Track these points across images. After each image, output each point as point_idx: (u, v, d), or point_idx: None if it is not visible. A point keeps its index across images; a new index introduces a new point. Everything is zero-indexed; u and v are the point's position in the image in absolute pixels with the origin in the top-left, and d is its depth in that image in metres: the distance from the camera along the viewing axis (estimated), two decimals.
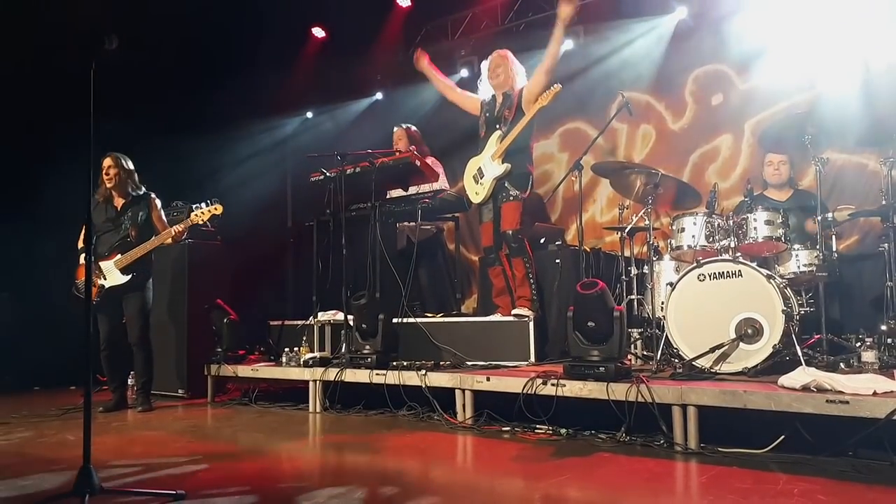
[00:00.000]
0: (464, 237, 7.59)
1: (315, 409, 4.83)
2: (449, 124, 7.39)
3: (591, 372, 3.66)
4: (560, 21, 4.87)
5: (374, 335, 4.79)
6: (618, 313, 3.71)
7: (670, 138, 6.95)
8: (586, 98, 7.25)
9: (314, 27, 8.62)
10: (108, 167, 5.11)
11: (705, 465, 3.05)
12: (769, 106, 6.28)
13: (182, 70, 7.38)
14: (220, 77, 7.60)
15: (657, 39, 6.96)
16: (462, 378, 4.16)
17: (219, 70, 7.59)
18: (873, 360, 3.87)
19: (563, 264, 5.25)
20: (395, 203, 5.71)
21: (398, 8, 8.08)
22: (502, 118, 5.07)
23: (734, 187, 6.27)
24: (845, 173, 5.84)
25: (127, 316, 5.11)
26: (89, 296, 2.68)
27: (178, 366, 5.77)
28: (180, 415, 5.03)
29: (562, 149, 7.64)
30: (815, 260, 4.36)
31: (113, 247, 5.05)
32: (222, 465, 3.29)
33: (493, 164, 5.01)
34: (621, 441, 3.47)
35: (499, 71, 5.13)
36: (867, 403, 2.88)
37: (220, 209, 5.02)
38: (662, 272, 4.89)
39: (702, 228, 4.34)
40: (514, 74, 5.13)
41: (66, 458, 3.38)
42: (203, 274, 5.87)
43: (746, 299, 3.83)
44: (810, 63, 5.94)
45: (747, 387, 3.30)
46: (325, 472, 3.33)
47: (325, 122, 9.30)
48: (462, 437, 3.82)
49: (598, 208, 7.25)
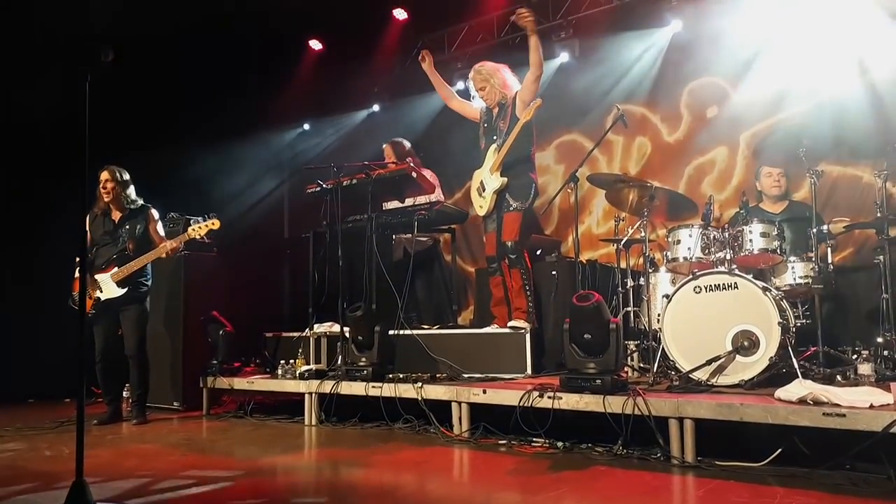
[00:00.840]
0: (460, 249, 7.59)
1: (311, 422, 4.81)
2: (445, 135, 7.42)
3: (587, 384, 3.65)
4: (527, 30, 4.92)
5: (371, 347, 4.77)
6: (614, 325, 3.71)
7: (666, 150, 6.97)
8: (582, 110, 7.26)
9: (311, 39, 8.65)
10: (105, 181, 5.11)
11: (702, 478, 3.04)
12: (764, 118, 6.31)
13: (178, 81, 7.38)
14: (217, 88, 7.61)
15: (652, 52, 6.99)
16: (458, 391, 4.15)
17: (216, 81, 7.60)
18: (870, 373, 3.87)
19: (559, 276, 5.27)
20: (391, 214, 5.71)
21: (395, 21, 8.10)
22: (497, 129, 5.10)
23: (730, 199, 6.28)
24: (840, 185, 5.86)
25: (124, 328, 5.09)
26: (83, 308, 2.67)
27: (173, 378, 5.75)
28: (175, 427, 5.00)
29: (558, 161, 7.66)
30: (810, 272, 4.36)
31: (110, 260, 5.05)
32: (217, 480, 3.26)
33: (493, 178, 5.05)
34: (618, 454, 3.46)
35: (484, 86, 5.16)
36: (864, 417, 2.88)
37: (217, 224, 5.03)
38: (658, 284, 4.90)
39: (697, 240, 4.35)
40: (503, 84, 5.14)
41: (60, 472, 3.35)
42: (199, 285, 5.85)
43: (742, 311, 3.83)
44: (805, 76, 5.96)
45: (744, 400, 3.30)
46: (320, 486, 3.31)
47: (322, 133, 9.31)
48: (458, 451, 3.81)
49: (595, 220, 7.26)
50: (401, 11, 8.01)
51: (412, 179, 5.37)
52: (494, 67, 5.20)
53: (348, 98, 8.94)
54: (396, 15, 8.04)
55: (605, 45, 7.10)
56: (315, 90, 8.74)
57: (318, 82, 8.66)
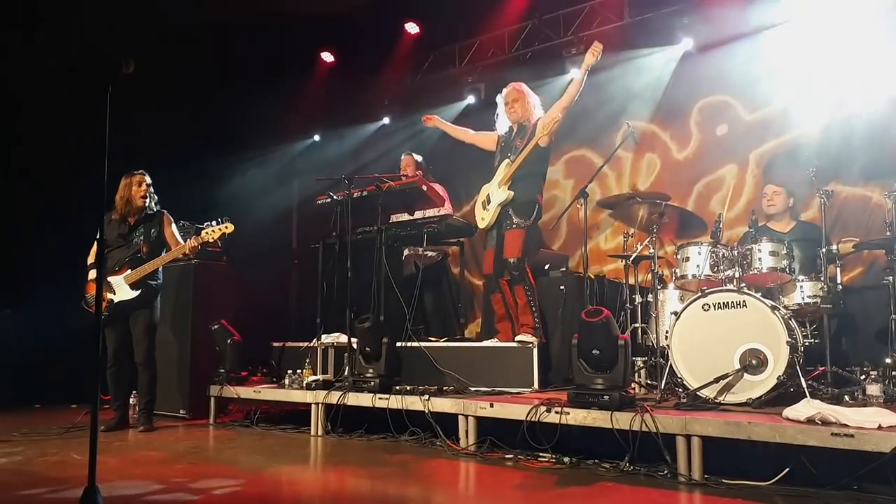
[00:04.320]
0: (468, 262, 7.60)
1: (317, 433, 4.81)
2: (454, 150, 7.44)
3: (595, 400, 3.65)
4: (584, 66, 4.91)
5: (378, 359, 4.78)
6: (622, 342, 3.71)
7: (675, 167, 6.98)
8: (592, 126, 7.29)
9: (323, 51, 8.73)
10: (143, 183, 5.18)
11: (709, 496, 3.04)
12: (774, 137, 6.33)
13: (190, 91, 7.45)
14: (228, 98, 7.68)
15: (663, 70, 7.02)
16: (465, 404, 4.15)
17: (228, 92, 7.67)
18: (878, 394, 3.85)
19: (567, 291, 5.26)
20: (400, 227, 5.73)
21: (407, 34, 8.18)
22: (513, 147, 5.12)
23: (739, 217, 6.28)
24: (849, 205, 5.86)
25: (134, 334, 5.11)
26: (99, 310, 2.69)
27: (180, 386, 5.76)
28: (181, 435, 5.01)
29: (567, 176, 7.69)
30: (819, 291, 4.36)
31: (123, 262, 5.08)
32: (223, 489, 3.27)
33: (500, 191, 5.06)
34: (625, 470, 3.45)
35: (516, 106, 5.16)
36: (872, 437, 2.87)
37: (230, 227, 5.05)
38: (667, 301, 4.89)
39: (706, 258, 4.35)
40: (532, 107, 5.16)
41: (70, 478, 3.37)
42: (208, 294, 5.88)
43: (751, 330, 3.83)
44: (815, 95, 5.99)
45: (752, 418, 3.29)
46: (325, 497, 3.31)
47: (333, 145, 9.36)
48: (465, 464, 3.81)
49: (603, 236, 7.27)
50: (413, 25, 8.09)
51: (422, 192, 5.40)
52: (529, 91, 5.23)
53: (359, 110, 9.00)
54: (408, 29, 8.12)
55: (616, 61, 7.13)
56: (326, 102, 8.81)
57: (329, 94, 8.73)
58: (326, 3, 6.91)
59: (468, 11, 7.48)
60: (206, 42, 7.14)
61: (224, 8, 6.92)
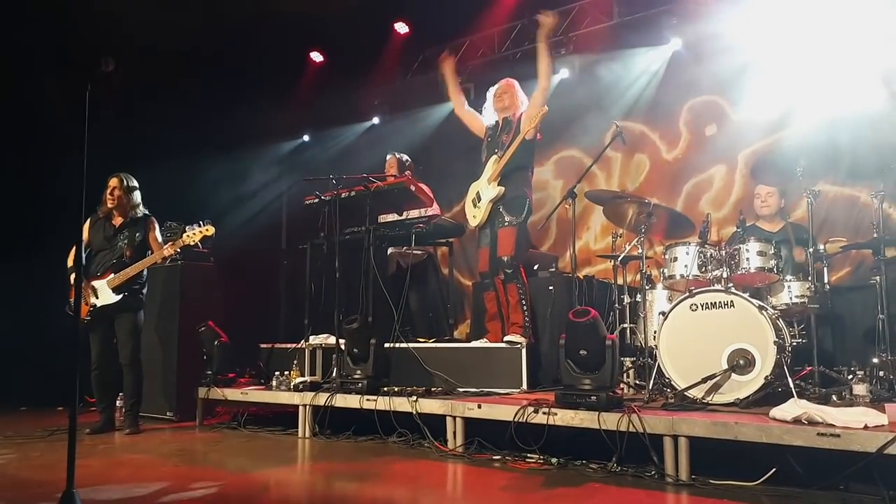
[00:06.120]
0: (458, 262, 7.58)
1: (304, 435, 4.78)
2: (444, 149, 7.45)
3: (582, 401, 3.64)
4: (542, 33, 4.93)
5: (366, 360, 4.76)
6: (610, 342, 3.69)
7: (664, 168, 6.99)
8: (581, 126, 7.29)
9: (313, 51, 8.70)
10: (112, 188, 5.13)
11: (696, 496, 3.03)
12: (762, 137, 6.34)
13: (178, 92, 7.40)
14: (217, 99, 7.63)
15: (652, 70, 7.04)
16: (453, 405, 4.14)
17: (216, 92, 7.63)
18: (865, 394, 3.85)
19: (556, 291, 5.25)
20: (389, 227, 5.70)
21: (396, 34, 8.15)
22: (500, 142, 5.11)
23: (727, 217, 6.29)
24: (837, 205, 5.88)
25: (118, 336, 5.08)
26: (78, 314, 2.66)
27: (166, 388, 5.72)
28: (168, 438, 4.97)
29: (556, 176, 7.68)
30: (807, 291, 4.36)
31: (107, 266, 5.05)
32: (208, 491, 3.24)
33: (489, 188, 5.05)
34: (612, 471, 3.43)
35: (504, 97, 5.20)
36: (858, 437, 2.87)
37: (211, 230, 5.03)
38: (655, 301, 4.89)
39: (694, 258, 4.35)
40: (519, 102, 5.19)
41: (51, 481, 3.32)
42: (194, 295, 5.84)
43: (738, 330, 3.82)
44: (804, 96, 6.00)
45: (739, 418, 3.28)
46: (312, 499, 3.29)
47: (322, 145, 9.33)
48: (452, 465, 3.79)
49: (592, 236, 7.27)
50: (402, 25, 8.07)
51: (410, 193, 5.38)
52: (519, 88, 5.26)
53: (349, 110, 8.97)
54: (398, 29, 8.09)
55: (605, 62, 7.14)
56: (316, 102, 8.77)
57: (318, 94, 8.69)
58: (316, 3, 6.87)
59: (457, 11, 7.46)
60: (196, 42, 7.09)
61: (213, 8, 6.88)
